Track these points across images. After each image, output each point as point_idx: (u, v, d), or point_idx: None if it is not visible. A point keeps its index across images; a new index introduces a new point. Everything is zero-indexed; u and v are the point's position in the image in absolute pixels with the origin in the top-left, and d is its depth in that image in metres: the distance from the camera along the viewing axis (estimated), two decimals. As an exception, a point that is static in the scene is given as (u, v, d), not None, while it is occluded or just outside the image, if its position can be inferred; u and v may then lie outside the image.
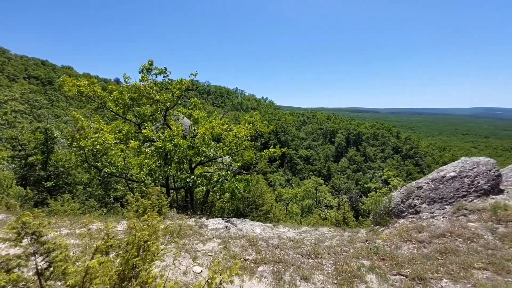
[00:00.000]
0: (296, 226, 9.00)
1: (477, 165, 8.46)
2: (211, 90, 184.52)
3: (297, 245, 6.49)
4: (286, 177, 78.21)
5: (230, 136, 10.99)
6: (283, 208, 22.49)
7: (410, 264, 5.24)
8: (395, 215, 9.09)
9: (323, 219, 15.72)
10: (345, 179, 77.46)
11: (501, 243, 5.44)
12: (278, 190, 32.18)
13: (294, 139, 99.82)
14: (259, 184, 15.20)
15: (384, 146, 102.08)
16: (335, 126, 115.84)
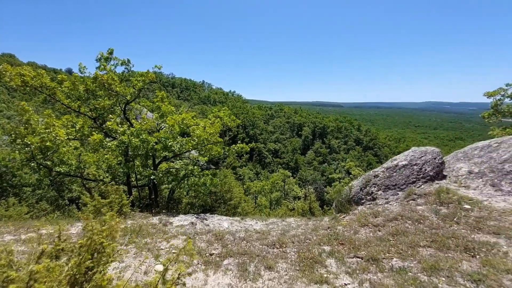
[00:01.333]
0: (264, 218, 9.16)
1: (425, 154, 9.38)
2: (176, 83, 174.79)
3: (264, 236, 6.61)
4: (255, 170, 79.17)
5: (198, 130, 10.75)
6: (251, 202, 22.81)
7: (366, 246, 5.68)
8: (355, 202, 9.75)
9: (290, 210, 16.28)
10: (311, 171, 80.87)
11: (443, 223, 6.15)
12: (247, 184, 32.48)
13: (263, 132, 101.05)
14: (227, 179, 15.20)
15: (347, 139, 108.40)
16: (302, 120, 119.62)
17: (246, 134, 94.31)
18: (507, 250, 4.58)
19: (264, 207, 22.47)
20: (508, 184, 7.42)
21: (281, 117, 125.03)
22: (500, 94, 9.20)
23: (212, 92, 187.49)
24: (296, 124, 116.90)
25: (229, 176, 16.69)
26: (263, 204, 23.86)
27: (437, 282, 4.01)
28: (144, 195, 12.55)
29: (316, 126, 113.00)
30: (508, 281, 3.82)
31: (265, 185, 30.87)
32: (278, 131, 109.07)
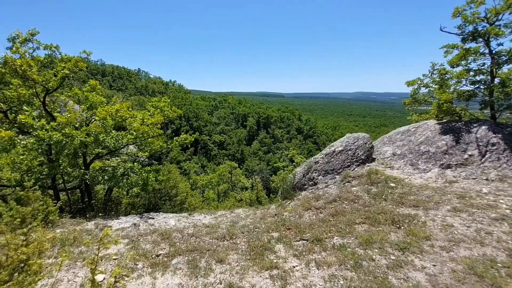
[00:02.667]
0: (213, 211, 9.13)
1: (357, 140, 10.41)
2: (107, 71, 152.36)
3: (213, 230, 6.58)
4: (201, 164, 77.45)
5: (136, 122, 9.77)
6: (199, 196, 22.27)
7: (310, 229, 6.03)
8: (299, 188, 10.33)
9: (238, 201, 16.42)
10: (257, 161, 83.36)
11: (374, 201, 6.95)
12: (193, 178, 31.49)
13: (207, 124, 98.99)
14: (172, 174, 14.45)
15: (289, 128, 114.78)
16: (246, 110, 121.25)
17: (189, 126, 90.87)
18: (425, 220, 5.44)
19: (212, 200, 22.19)
20: (423, 163, 8.85)
21: (225, 108, 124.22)
22: (417, 83, 10.81)
23: (150, 81, 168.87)
24: (240, 115, 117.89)
25: (173, 171, 15.88)
26: (211, 197, 23.54)
27: (371, 254, 4.49)
28: (76, 198, 11.10)
29: (260, 117, 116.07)
30: (427, 247, 4.52)
31: (212, 178, 30.43)
32: (223, 122, 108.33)
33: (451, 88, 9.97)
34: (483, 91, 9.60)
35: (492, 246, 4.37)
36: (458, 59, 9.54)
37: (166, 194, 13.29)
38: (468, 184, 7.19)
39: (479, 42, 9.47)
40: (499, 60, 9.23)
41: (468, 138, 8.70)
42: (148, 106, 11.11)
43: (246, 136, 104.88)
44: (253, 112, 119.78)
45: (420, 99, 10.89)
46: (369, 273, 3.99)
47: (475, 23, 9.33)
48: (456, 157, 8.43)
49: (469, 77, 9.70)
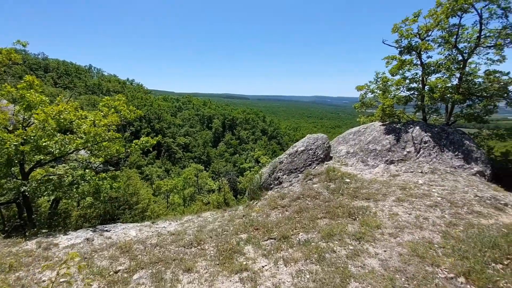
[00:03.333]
0: (179, 217, 8.64)
1: (317, 140, 10.97)
2: (51, 66, 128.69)
3: (179, 238, 6.22)
4: (164, 167, 73.91)
5: (86, 124, 8.70)
6: (163, 202, 21.15)
7: (277, 227, 6.19)
8: (265, 188, 10.52)
9: (206, 204, 16.05)
10: (224, 163, 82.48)
11: (332, 196, 7.40)
12: (156, 183, 29.82)
13: (171, 126, 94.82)
14: (131, 180, 13.37)
15: (254, 129, 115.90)
16: (211, 112, 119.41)
17: (151, 128, 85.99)
18: (375, 210, 5.97)
19: (177, 205, 21.25)
20: (372, 160, 9.69)
21: (190, 109, 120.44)
22: (365, 89, 11.84)
23: (104, 79, 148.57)
24: (206, 117, 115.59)
25: (133, 176, 14.70)
26: (177, 202, 22.56)
27: (332, 246, 4.79)
28: (11, 214, 9.57)
29: (226, 118, 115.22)
30: (378, 235, 4.97)
31: (177, 182, 29.17)
32: (188, 124, 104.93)
33: (392, 93, 11.11)
34: (416, 97, 10.89)
35: (429, 230, 4.97)
36: (397, 69, 10.69)
37: (125, 202, 12.16)
38: (407, 177, 8.06)
39: (413, 55, 10.75)
40: (428, 70, 10.60)
41: (406, 137, 9.76)
42: (100, 106, 9.96)
43: (212, 138, 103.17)
44: (219, 114, 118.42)
45: (368, 103, 11.95)
46: (332, 264, 4.25)
47: (409, 38, 10.56)
48: (397, 154, 9.40)
49: (405, 84, 10.95)
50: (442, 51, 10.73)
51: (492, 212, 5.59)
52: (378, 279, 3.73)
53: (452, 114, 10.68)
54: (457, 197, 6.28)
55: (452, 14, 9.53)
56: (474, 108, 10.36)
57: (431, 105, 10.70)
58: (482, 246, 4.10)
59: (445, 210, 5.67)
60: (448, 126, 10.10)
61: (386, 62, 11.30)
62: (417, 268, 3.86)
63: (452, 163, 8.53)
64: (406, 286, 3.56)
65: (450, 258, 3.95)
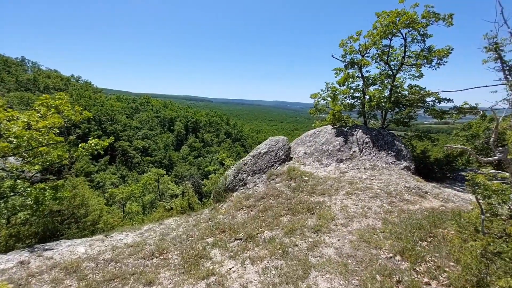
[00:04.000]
0: (138, 227, 7.98)
1: (278, 142, 11.41)
2: None
3: (139, 249, 5.71)
4: (119, 174, 67.88)
5: (17, 126, 7.33)
6: (118, 211, 19.33)
7: (243, 228, 6.29)
8: (230, 190, 10.56)
9: (168, 210, 15.27)
10: (187, 166, 79.42)
11: (293, 194, 7.82)
12: (110, 191, 27.11)
13: (126, 128, 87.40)
14: (78, 190, 11.63)
15: (218, 132, 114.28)
16: (173, 114, 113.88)
17: (102, 131, 77.87)
18: (330, 204, 6.52)
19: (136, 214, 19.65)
20: (325, 159, 10.49)
21: (148, 111, 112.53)
22: (318, 96, 12.80)
23: (42, 74, 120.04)
24: (167, 119, 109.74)
25: (81, 185, 12.76)
26: (135, 210, 20.85)
27: (295, 241, 5.10)
28: None
29: (188, 121, 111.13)
30: (333, 226, 5.45)
31: (134, 188, 26.96)
32: (146, 126, 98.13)
33: (340, 101, 12.21)
34: (359, 104, 12.17)
35: (372, 218, 5.64)
36: (343, 80, 11.81)
37: (71, 215, 10.34)
38: (354, 173, 8.95)
39: (355, 68, 11.99)
40: (368, 82, 11.97)
41: (352, 139, 10.82)
42: (36, 106, 8.51)
43: (174, 140, 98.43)
44: (181, 116, 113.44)
45: (321, 109, 12.94)
46: (294, 258, 4.54)
47: (352, 54, 11.77)
48: (345, 153, 10.36)
49: (350, 94, 12.18)
50: (378, 66, 12.23)
51: (417, 199, 6.58)
52: (334, 266, 4.13)
53: (385, 119, 12.18)
54: (392, 188, 7.22)
55: (384, 36, 10.92)
56: (401, 114, 12.03)
57: (370, 112, 12.09)
58: (411, 228, 4.84)
59: (383, 200, 6.48)
60: (383, 129, 11.50)
61: (335, 73, 12.41)
62: (364, 252, 4.38)
63: (387, 160, 9.74)
64: (356, 269, 4.02)
65: (389, 240, 4.57)
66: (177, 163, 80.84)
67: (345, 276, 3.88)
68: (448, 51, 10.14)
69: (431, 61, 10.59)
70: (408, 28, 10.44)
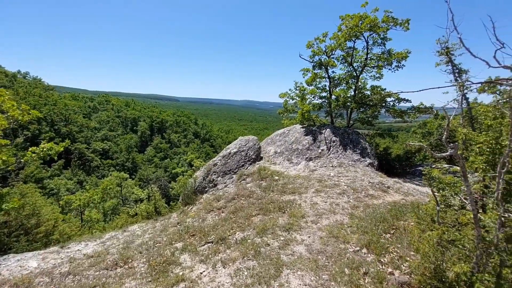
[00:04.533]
0: (98, 235, 7.50)
1: (248, 142, 11.37)
2: None
3: (100, 259, 5.35)
4: (77, 179, 62.05)
5: None
6: (76, 220, 17.64)
7: (214, 230, 6.12)
8: (200, 191, 10.23)
9: (133, 216, 14.30)
10: (153, 168, 75.47)
11: (264, 193, 7.81)
12: (66, 198, 24.62)
13: (83, 129, 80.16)
14: (28, 198, 10.50)
15: (186, 132, 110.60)
16: (136, 114, 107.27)
17: (55, 132, 70.48)
18: (300, 202, 6.63)
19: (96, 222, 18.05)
20: (295, 158, 10.70)
21: (108, 110, 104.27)
22: (287, 96, 13.02)
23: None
24: (129, 119, 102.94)
25: (31, 193, 11.47)
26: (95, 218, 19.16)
27: (266, 240, 5.07)
28: None
29: (153, 121, 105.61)
30: (303, 223, 5.53)
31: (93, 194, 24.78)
32: (106, 127, 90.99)
33: (308, 100, 12.57)
34: (326, 104, 12.66)
35: (340, 213, 5.86)
36: (311, 80, 12.20)
37: (20, 226, 9.38)
38: (322, 171, 9.27)
39: (322, 69, 12.45)
40: (334, 83, 12.50)
41: (320, 137, 11.21)
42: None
43: (138, 142, 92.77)
44: (145, 116, 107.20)
45: (290, 109, 13.19)
46: (267, 257, 4.50)
47: (319, 55, 12.20)
48: (314, 152, 10.70)
49: (318, 93, 12.60)
50: (343, 67, 12.84)
51: (380, 194, 7.02)
52: (305, 263, 4.17)
53: (351, 118, 12.87)
54: (357, 184, 7.62)
55: (349, 38, 11.53)
56: (365, 113, 12.79)
57: (336, 111, 12.66)
58: (376, 221, 5.12)
59: (350, 196, 6.79)
60: (349, 128, 12.13)
61: (303, 73, 12.75)
62: (333, 247, 4.50)
63: (353, 157, 10.28)
64: (326, 264, 4.11)
65: (356, 235, 4.77)
66: (142, 165, 76.32)
67: (315, 272, 3.94)
68: (406, 54, 11.04)
69: (391, 63, 11.45)
70: (370, 31, 11.15)
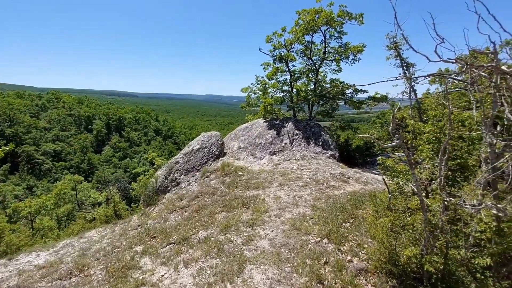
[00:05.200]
0: (52, 244, 7.00)
1: (211, 138, 11.04)
2: None
3: (53, 269, 5.01)
4: (26, 184, 54.91)
5: None
6: (26, 229, 15.61)
7: (177, 230, 5.83)
8: (162, 191, 9.68)
9: (90, 221, 13.08)
10: (112, 169, 69.76)
11: (228, 190, 7.66)
12: (13, 206, 21.59)
13: (31, 130, 70.95)
14: None
15: (146, 130, 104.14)
16: (90, 111, 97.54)
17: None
18: (264, 197, 6.62)
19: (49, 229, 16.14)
20: (259, 152, 10.69)
21: (59, 108, 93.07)
22: (249, 90, 12.88)
23: None
24: (83, 117, 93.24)
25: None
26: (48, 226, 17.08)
27: (230, 237, 4.96)
28: None
29: (110, 118, 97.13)
30: (267, 218, 5.50)
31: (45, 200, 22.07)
32: (58, 126, 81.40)
33: (270, 94, 12.61)
34: (288, 98, 12.84)
35: (303, 206, 5.98)
36: (272, 74, 12.22)
37: None
38: (286, 164, 9.42)
39: (283, 63, 12.54)
40: (294, 77, 12.69)
41: (283, 131, 11.36)
42: None
43: (94, 141, 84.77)
44: (101, 114, 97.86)
45: (252, 103, 13.10)
46: (230, 254, 4.40)
47: (279, 49, 12.25)
48: (278, 146, 10.81)
49: (279, 87, 12.71)
50: (302, 61, 13.09)
51: (341, 184, 7.35)
52: (268, 257, 4.16)
53: (312, 111, 13.26)
54: (319, 176, 7.87)
55: (306, 32, 11.74)
56: (325, 106, 13.27)
57: (298, 104, 12.91)
58: (336, 211, 5.32)
59: (312, 188, 6.98)
60: (310, 121, 12.50)
61: (264, 67, 12.71)
62: (296, 240, 4.56)
63: (315, 149, 10.63)
64: (289, 256, 4.14)
65: (317, 226, 4.90)
66: (99, 166, 69.99)
67: (278, 265, 3.95)
68: (362, 48, 11.62)
69: (348, 56, 11.97)
70: (327, 25, 11.49)
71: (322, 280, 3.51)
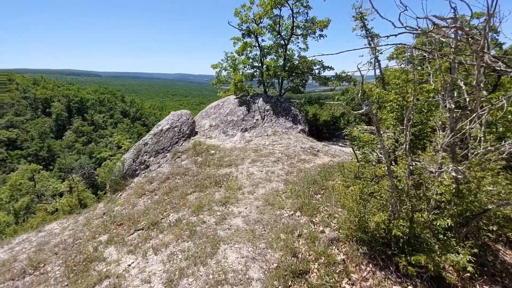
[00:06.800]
0: (7, 241, 6.34)
1: (181, 116, 10.27)
2: None
3: (5, 269, 4.55)
4: (-26, 176, 48.31)
5: None
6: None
7: (145, 215, 5.37)
8: (130, 175, 8.91)
9: (52, 213, 11.85)
10: (75, 156, 64.04)
11: (200, 169, 7.22)
12: None
13: (-25, 117, 61.25)
14: None
15: (112, 112, 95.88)
16: (48, 93, 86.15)
17: None
18: (237, 174, 6.33)
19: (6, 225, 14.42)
20: (231, 130, 10.23)
21: (12, 91, 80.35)
22: (219, 67, 12.00)
23: None
24: (40, 100, 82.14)
25: None
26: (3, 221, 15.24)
27: (202, 218, 4.65)
28: None
29: (71, 100, 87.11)
30: (240, 195, 5.24)
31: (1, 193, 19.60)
32: (11, 111, 71.16)
33: (240, 71, 11.90)
34: (258, 74, 12.26)
35: (276, 181, 5.82)
36: (242, 49, 11.44)
37: None
38: (258, 140, 9.15)
39: (252, 38, 11.75)
40: (264, 52, 12.02)
41: (254, 107, 10.95)
42: None
43: (54, 126, 76.17)
44: (60, 95, 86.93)
45: (223, 80, 12.29)
46: (203, 236, 4.11)
47: (247, 23, 11.37)
48: (249, 122, 10.44)
49: (249, 63, 12.01)
50: (271, 37, 12.39)
51: (311, 157, 7.31)
52: (242, 235, 3.95)
53: (282, 87, 12.92)
54: (291, 150, 7.75)
55: (275, 6, 10.98)
56: (294, 82, 12.98)
57: (268, 80, 12.43)
58: (308, 184, 5.23)
59: (284, 163, 6.84)
60: (280, 97, 12.19)
61: (233, 42, 11.81)
62: (269, 215, 4.40)
63: (286, 125, 10.47)
64: (263, 232, 3.97)
65: (290, 200, 4.78)
66: (61, 153, 63.77)
67: (252, 242, 3.77)
68: (327, 22, 11.24)
69: (315, 31, 11.54)
70: (294, 0, 10.81)
71: (296, 253, 3.41)
